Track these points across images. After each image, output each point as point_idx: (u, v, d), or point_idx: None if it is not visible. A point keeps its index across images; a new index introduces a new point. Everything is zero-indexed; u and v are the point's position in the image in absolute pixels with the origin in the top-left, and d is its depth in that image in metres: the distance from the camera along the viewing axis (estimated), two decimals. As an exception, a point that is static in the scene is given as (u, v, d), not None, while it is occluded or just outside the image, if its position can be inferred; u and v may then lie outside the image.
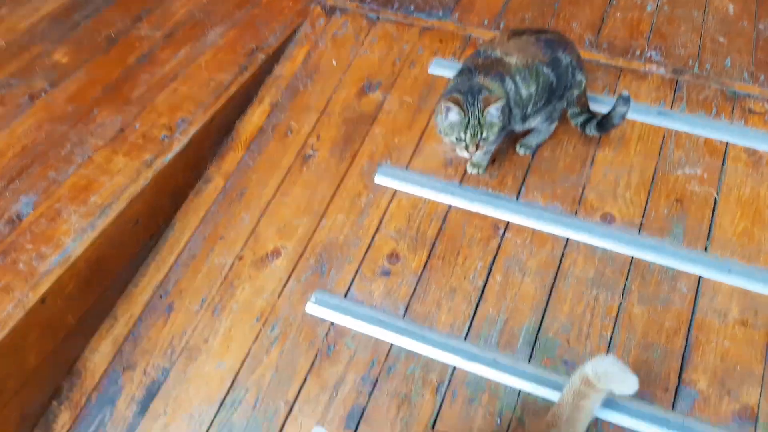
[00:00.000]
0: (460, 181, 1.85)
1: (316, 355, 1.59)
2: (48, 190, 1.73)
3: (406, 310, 1.65)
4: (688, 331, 1.55)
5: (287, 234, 1.80)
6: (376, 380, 1.55)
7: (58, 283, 1.54)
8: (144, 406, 1.55)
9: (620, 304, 1.61)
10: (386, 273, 1.71)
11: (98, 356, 1.63)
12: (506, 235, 1.75)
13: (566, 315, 1.61)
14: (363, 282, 1.70)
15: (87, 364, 1.61)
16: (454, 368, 1.56)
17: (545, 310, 1.62)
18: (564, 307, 1.62)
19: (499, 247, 1.73)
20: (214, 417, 1.52)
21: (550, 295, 1.64)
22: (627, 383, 1.38)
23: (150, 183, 1.76)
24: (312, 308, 1.65)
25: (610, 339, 1.56)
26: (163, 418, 1.53)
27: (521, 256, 1.71)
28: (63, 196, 1.72)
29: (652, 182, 1.79)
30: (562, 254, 1.70)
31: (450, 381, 1.54)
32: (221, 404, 1.54)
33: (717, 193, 1.76)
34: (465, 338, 1.60)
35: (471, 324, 1.62)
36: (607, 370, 1.39)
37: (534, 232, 1.74)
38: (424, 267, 1.72)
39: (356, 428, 1.49)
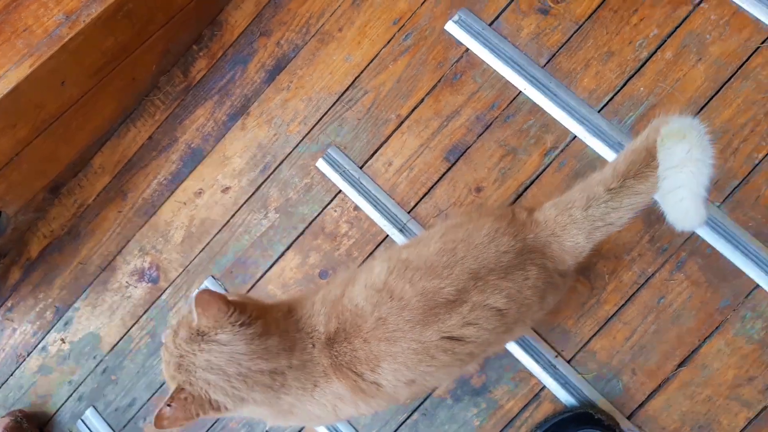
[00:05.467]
0: None
1: (440, 79, 1.53)
2: None
3: (549, 60, 1.49)
4: None
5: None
6: (490, 123, 1.50)
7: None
8: (271, 76, 1.62)
9: (794, 128, 1.38)
10: (544, 11, 1.51)
11: (240, 13, 1.65)
12: (702, 5, 1.45)
13: (724, 121, 1.40)
14: (515, 15, 1.52)
15: (228, 18, 1.66)
16: (574, 137, 1.46)
17: (703, 108, 1.42)
18: (726, 111, 1.40)
19: (686, 17, 1.45)
20: (330, 108, 1.57)
21: (717, 92, 1.41)
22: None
23: None
24: (452, 27, 1.53)
25: (758, 164, 1.37)
26: (285, 93, 1.60)
27: (706, 37, 1.43)
28: None
29: None
30: (756, 49, 1.41)
31: (564, 149, 1.46)
32: (339, 98, 1.57)
33: None
34: (599, 111, 1.46)
35: (613, 98, 1.46)
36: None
37: (737, 11, 1.42)
38: (590, 17, 1.49)
39: (455, 162, 1.50)
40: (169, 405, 0.90)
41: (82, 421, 1.56)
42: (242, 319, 0.94)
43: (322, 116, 1.58)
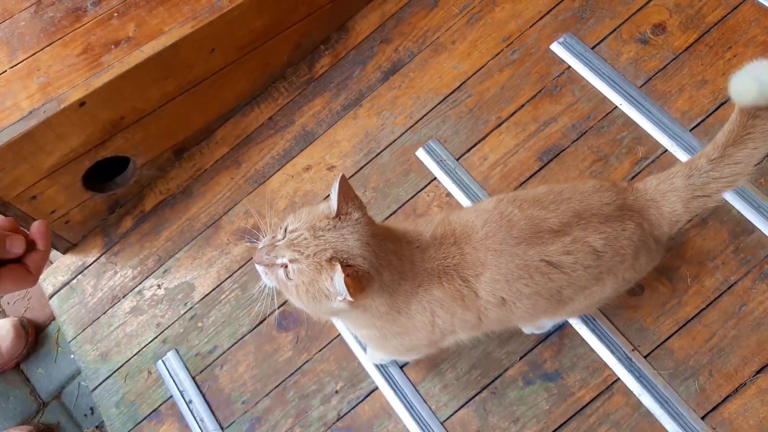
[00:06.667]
0: (775, -26, 1.62)
1: (540, 90, 1.67)
2: None
3: (645, 83, 1.61)
4: None
5: (565, -28, 1.78)
6: (585, 132, 1.60)
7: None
8: (386, 76, 1.80)
9: None
10: (644, 41, 1.65)
11: (365, 22, 1.87)
12: (795, 48, 1.56)
13: (814, 149, 1.46)
14: (617, 42, 1.67)
15: (355, 25, 1.87)
16: (665, 151, 1.54)
17: (793, 136, 1.48)
18: (817, 141, 1.47)
19: (779, 57, 1.56)
20: (435, 106, 1.73)
21: (808, 124, 1.48)
22: None
23: None
24: (557, 47, 1.69)
25: None
26: (396, 90, 1.77)
27: (799, 75, 1.52)
28: None
29: None
30: None
31: (654, 160, 1.55)
32: (445, 98, 1.73)
33: None
34: (691, 129, 1.55)
35: (705, 119, 1.55)
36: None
37: (830, 55, 1.53)
38: (686, 49, 1.62)
39: (547, 163, 1.60)
40: (347, 276, 0.92)
41: (163, 362, 1.64)
42: (363, 206, 1.03)
43: (428, 113, 1.72)
